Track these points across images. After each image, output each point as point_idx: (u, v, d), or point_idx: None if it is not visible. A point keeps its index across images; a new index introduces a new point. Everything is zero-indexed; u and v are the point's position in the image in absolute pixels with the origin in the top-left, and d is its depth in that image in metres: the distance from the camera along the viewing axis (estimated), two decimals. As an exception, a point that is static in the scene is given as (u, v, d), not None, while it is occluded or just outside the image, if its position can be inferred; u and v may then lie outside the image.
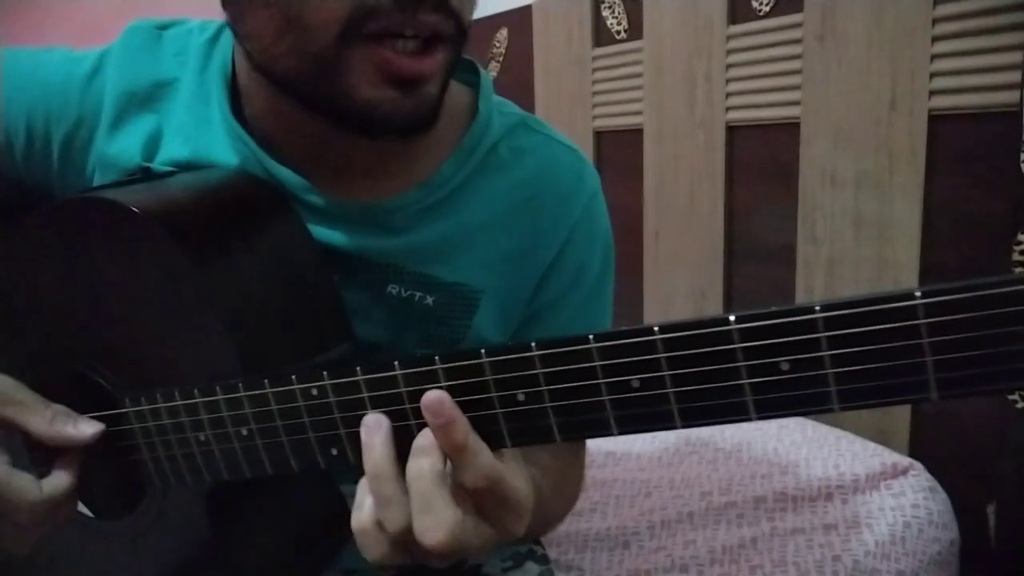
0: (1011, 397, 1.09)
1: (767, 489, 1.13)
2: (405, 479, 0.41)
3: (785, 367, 0.34)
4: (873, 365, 0.32)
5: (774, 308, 0.33)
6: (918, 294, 0.31)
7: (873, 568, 0.99)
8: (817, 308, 0.33)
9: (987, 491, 1.16)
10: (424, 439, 0.41)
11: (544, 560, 0.82)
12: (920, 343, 0.31)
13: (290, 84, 0.55)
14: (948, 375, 0.31)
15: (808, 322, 0.33)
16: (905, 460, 1.19)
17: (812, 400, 0.34)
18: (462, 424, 0.40)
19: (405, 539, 0.41)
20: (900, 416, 1.27)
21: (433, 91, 0.54)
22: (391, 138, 0.55)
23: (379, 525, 0.41)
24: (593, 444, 1.32)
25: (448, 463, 0.41)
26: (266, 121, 0.60)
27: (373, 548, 0.42)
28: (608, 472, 1.24)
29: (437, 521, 0.40)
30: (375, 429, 0.42)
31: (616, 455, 1.29)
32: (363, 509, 0.42)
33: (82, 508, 0.58)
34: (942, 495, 1.15)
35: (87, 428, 0.51)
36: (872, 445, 1.24)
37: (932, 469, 1.18)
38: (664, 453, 1.28)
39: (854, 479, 1.14)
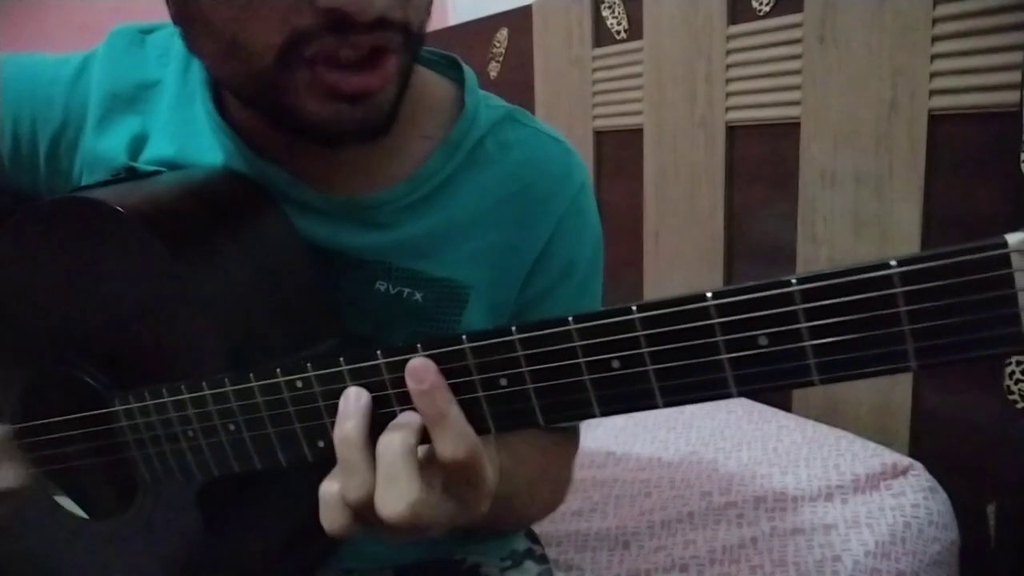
0: (1011, 397, 1.08)
1: (767, 489, 1.13)
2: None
3: (763, 341, 0.34)
4: (851, 336, 0.32)
5: (751, 283, 0.33)
6: (893, 263, 0.31)
7: (873, 568, 0.99)
8: (793, 281, 0.33)
9: (987, 491, 1.15)
10: (403, 417, 0.42)
11: (543, 560, 0.81)
12: (897, 312, 0.31)
13: (245, 99, 0.56)
14: (926, 343, 0.31)
15: (785, 295, 0.33)
16: (905, 460, 1.18)
17: (792, 373, 0.34)
18: (446, 391, 0.40)
19: (364, 511, 0.41)
20: (900, 416, 1.26)
21: (387, 98, 0.53)
22: (349, 146, 0.55)
23: (341, 493, 0.42)
24: (593, 444, 1.32)
25: (418, 449, 0.41)
26: (247, 119, 0.60)
27: (332, 516, 0.42)
28: (608, 472, 1.24)
29: (399, 493, 0.40)
30: (354, 399, 0.42)
31: (616, 455, 1.29)
32: (331, 478, 0.43)
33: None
34: (942, 495, 1.15)
35: None
36: (872, 445, 1.23)
37: (932, 469, 1.18)
38: (664, 453, 1.28)
39: (854, 479, 1.14)
